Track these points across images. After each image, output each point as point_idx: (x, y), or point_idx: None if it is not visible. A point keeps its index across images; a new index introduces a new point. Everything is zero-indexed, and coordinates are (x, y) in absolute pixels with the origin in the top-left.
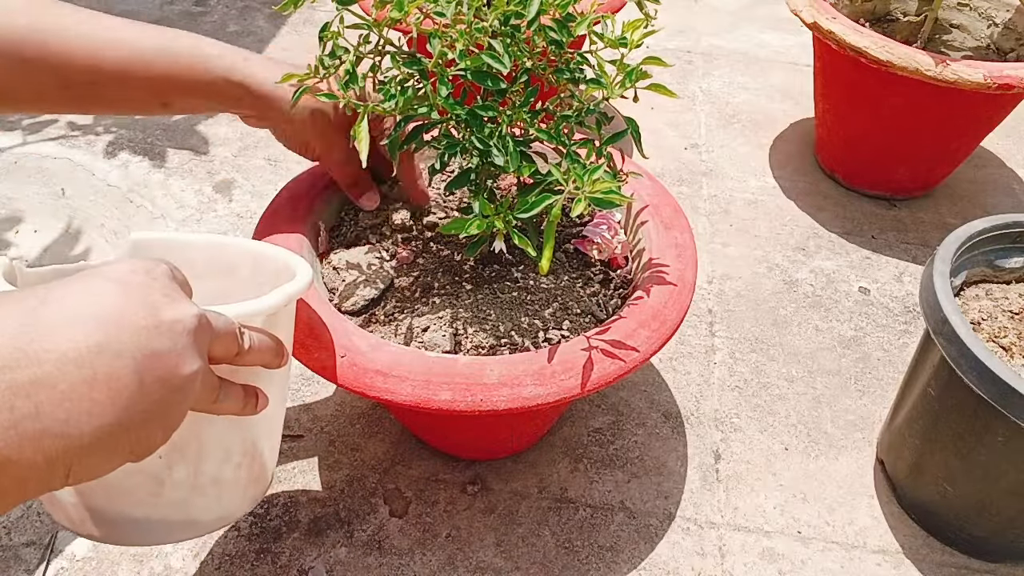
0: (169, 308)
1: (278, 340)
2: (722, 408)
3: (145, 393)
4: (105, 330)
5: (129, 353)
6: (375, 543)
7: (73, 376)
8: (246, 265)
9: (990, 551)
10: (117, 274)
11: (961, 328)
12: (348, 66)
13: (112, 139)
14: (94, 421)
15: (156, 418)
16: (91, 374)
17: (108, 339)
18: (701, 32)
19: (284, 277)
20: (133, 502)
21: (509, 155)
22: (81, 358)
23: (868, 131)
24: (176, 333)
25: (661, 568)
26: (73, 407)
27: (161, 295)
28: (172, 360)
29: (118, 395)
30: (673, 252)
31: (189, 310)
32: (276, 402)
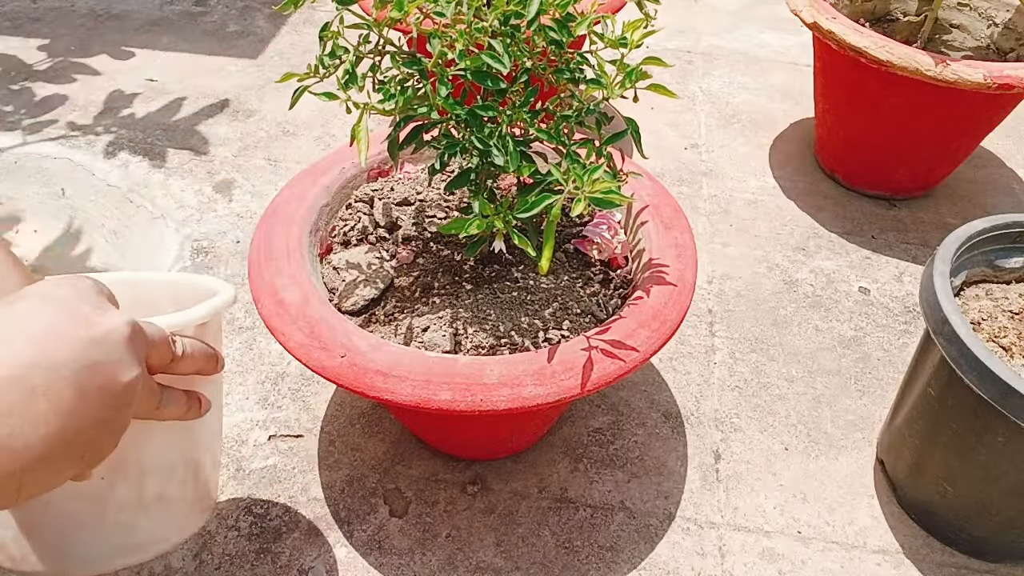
0: (100, 319)
1: (212, 347)
2: (722, 408)
3: (87, 402)
4: (38, 346)
5: (66, 366)
6: (375, 543)
7: (11, 393)
8: (165, 296)
9: (990, 551)
10: (42, 291)
11: (961, 328)
12: (348, 66)
13: (112, 139)
14: (40, 432)
15: (101, 425)
16: (30, 388)
17: (42, 354)
18: (701, 32)
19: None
20: (77, 527)
21: (509, 155)
22: (17, 376)
23: (868, 131)
24: (111, 342)
25: (661, 568)
26: (16, 421)
27: (90, 307)
28: (111, 369)
29: (60, 406)
30: (673, 252)
31: (121, 319)
32: (215, 412)
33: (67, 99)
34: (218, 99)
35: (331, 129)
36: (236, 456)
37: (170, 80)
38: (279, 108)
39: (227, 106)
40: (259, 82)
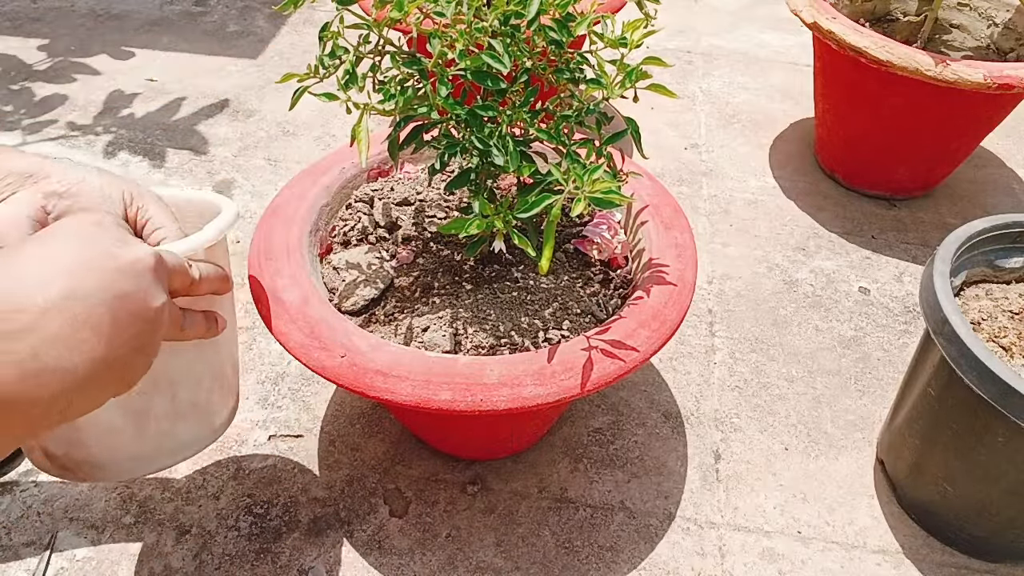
0: (126, 251)
1: (221, 268)
2: (722, 408)
3: (122, 327)
4: (73, 278)
5: (100, 296)
6: (375, 543)
7: (56, 321)
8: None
9: (990, 551)
10: (68, 228)
11: (961, 328)
12: (348, 66)
13: (112, 139)
14: (85, 355)
15: (136, 349)
16: (71, 316)
17: (75, 286)
18: (701, 32)
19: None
20: (121, 437)
21: (509, 155)
22: (59, 305)
23: (868, 131)
24: (138, 272)
25: (661, 568)
26: (64, 346)
27: (114, 240)
28: (140, 296)
29: (100, 332)
30: (673, 252)
31: (144, 250)
32: (230, 326)
33: (67, 99)
34: (218, 99)
35: (331, 129)
36: (236, 456)
37: (170, 80)
38: (279, 108)
39: (227, 106)
40: (259, 82)
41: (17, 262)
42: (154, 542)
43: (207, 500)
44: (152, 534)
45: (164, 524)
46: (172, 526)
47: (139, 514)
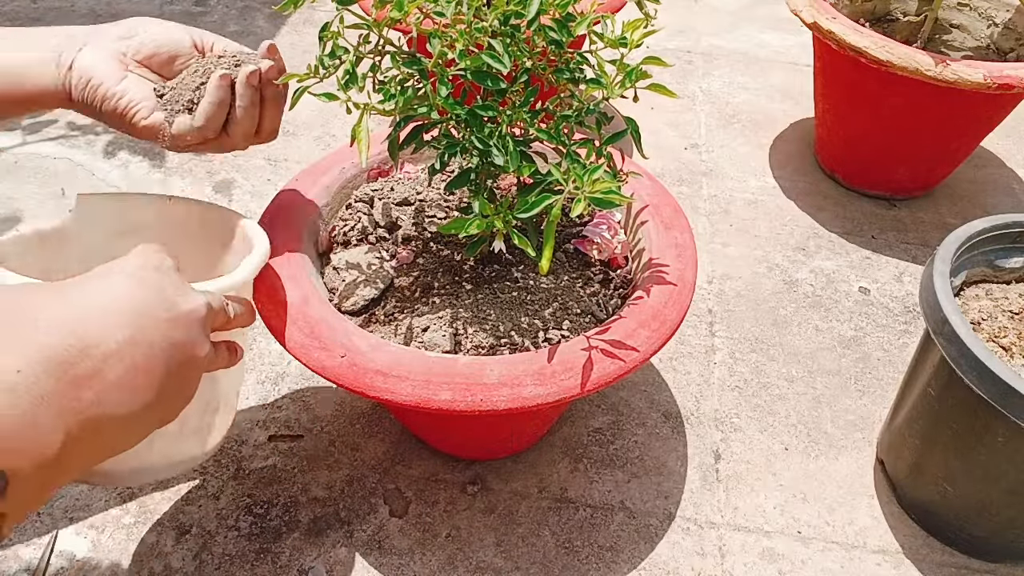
0: (183, 301)
1: (249, 302)
2: (722, 408)
3: (172, 375)
4: (134, 325)
5: (158, 345)
6: (375, 543)
7: (118, 368)
8: (193, 221)
9: (990, 551)
10: (132, 270)
11: (961, 328)
12: (348, 66)
13: (112, 139)
14: (138, 401)
15: (180, 393)
16: (131, 364)
17: (138, 333)
18: (701, 32)
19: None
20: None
21: (509, 155)
22: (121, 351)
23: (868, 131)
24: (192, 323)
25: (661, 568)
26: (122, 392)
27: (173, 289)
28: (190, 347)
29: (154, 380)
30: (673, 252)
31: (199, 300)
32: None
33: None
34: None
35: (331, 129)
36: (236, 456)
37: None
38: None
39: None
40: None
41: (84, 301)
42: (154, 542)
43: (207, 500)
44: (152, 534)
45: (164, 524)
46: (172, 526)
47: (139, 514)
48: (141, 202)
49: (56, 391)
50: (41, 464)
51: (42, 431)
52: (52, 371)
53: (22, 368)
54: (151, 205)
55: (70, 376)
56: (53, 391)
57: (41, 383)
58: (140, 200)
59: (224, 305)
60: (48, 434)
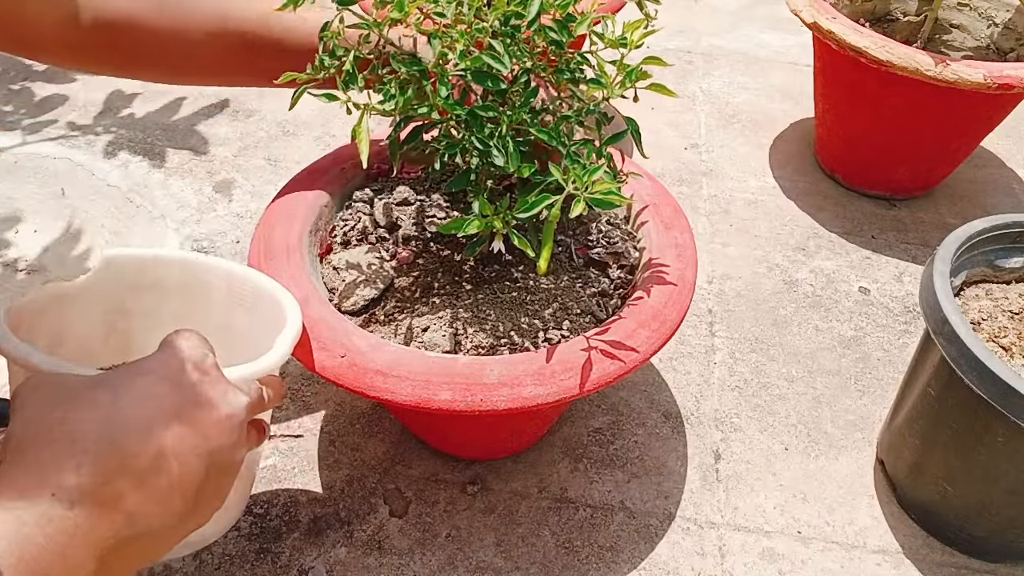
0: (223, 404)
1: (280, 381)
2: (722, 408)
3: (210, 481)
4: (173, 434)
5: (196, 453)
6: (375, 543)
7: (154, 483)
8: (220, 285)
9: (990, 551)
10: (171, 372)
11: (961, 328)
12: (348, 66)
13: (112, 139)
14: (174, 514)
15: (216, 497)
16: (168, 478)
17: (177, 443)
18: (701, 32)
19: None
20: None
21: (509, 155)
22: (159, 463)
23: (868, 131)
24: (232, 427)
25: (661, 568)
26: (159, 507)
27: (215, 391)
28: (229, 451)
29: (190, 490)
30: (673, 252)
31: (239, 403)
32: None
33: (67, 99)
34: (218, 99)
35: (331, 129)
36: None
37: None
38: (279, 108)
39: (227, 106)
40: None
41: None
42: None
43: None
44: None
45: None
46: None
47: None
48: (165, 260)
49: (90, 516)
50: None
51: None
52: (89, 495)
53: (57, 492)
54: (176, 264)
55: (105, 497)
56: (86, 518)
57: (76, 510)
58: (164, 258)
59: (261, 393)
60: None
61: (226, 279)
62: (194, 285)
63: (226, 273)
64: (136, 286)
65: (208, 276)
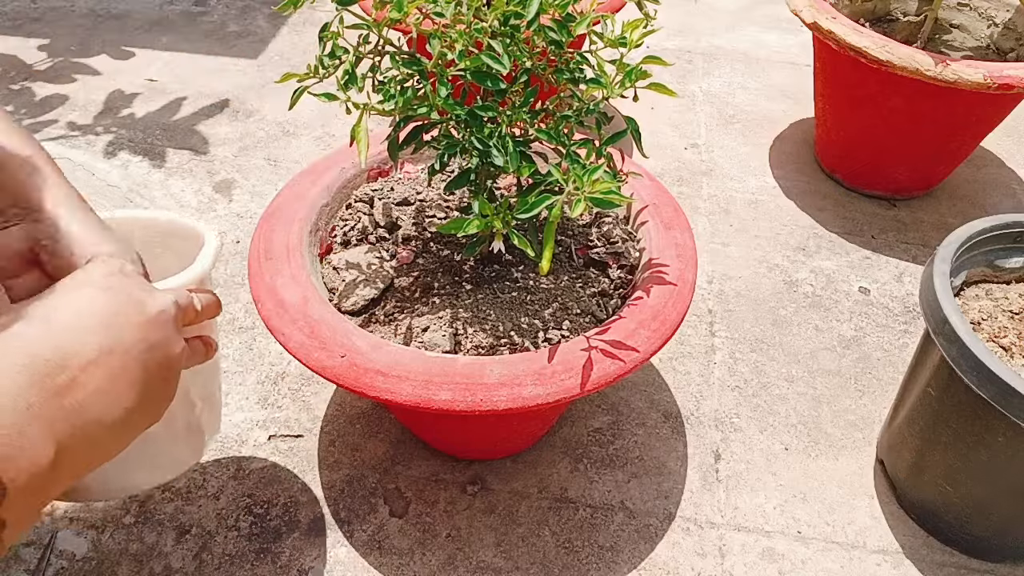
0: (152, 302)
1: (213, 293)
2: (722, 408)
3: (151, 376)
4: (108, 333)
5: (134, 349)
6: (375, 543)
7: (98, 376)
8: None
9: (990, 551)
10: (96, 279)
11: (961, 328)
12: (348, 66)
13: (112, 139)
14: (122, 405)
15: (162, 392)
16: (109, 372)
17: (113, 340)
18: (701, 32)
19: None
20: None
21: (509, 155)
22: (98, 360)
23: (868, 131)
24: (163, 323)
25: (661, 568)
26: (106, 399)
27: (141, 292)
28: (165, 345)
29: (134, 383)
30: (673, 252)
31: (167, 299)
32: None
33: (67, 99)
34: (218, 99)
35: (331, 129)
36: (236, 456)
37: (170, 80)
38: (279, 108)
39: (227, 106)
40: (259, 82)
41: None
42: (154, 542)
43: (207, 500)
44: (152, 534)
45: (164, 524)
46: (172, 526)
47: (139, 514)
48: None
49: (41, 401)
50: (35, 474)
51: (33, 440)
52: (35, 383)
53: (4, 382)
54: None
55: (52, 387)
56: (38, 402)
57: (25, 394)
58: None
59: (191, 300)
60: (39, 443)
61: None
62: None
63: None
64: None
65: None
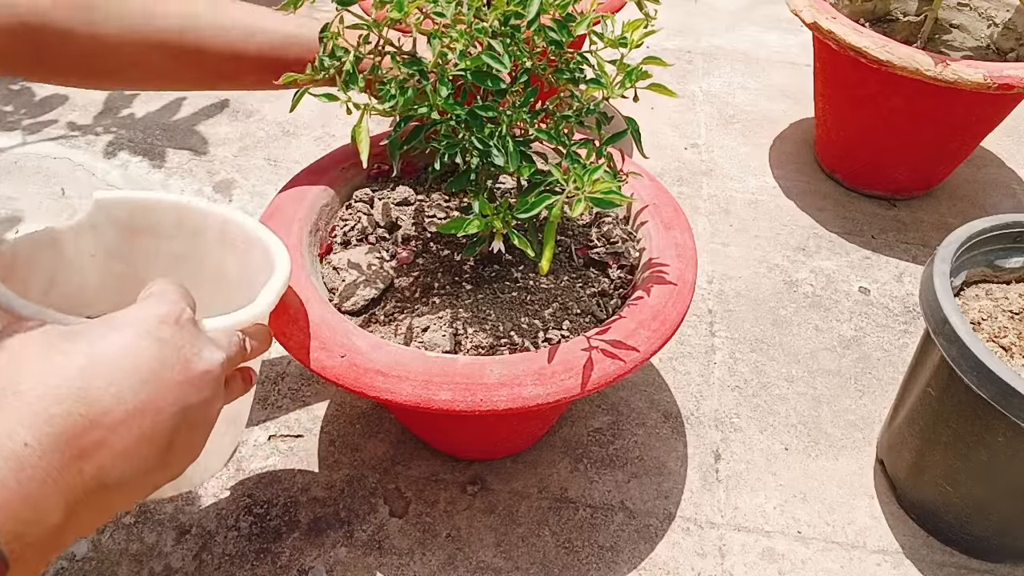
0: (198, 360)
1: (266, 328)
2: (722, 408)
3: (182, 436)
4: (147, 390)
5: (169, 410)
6: (375, 543)
7: (126, 437)
8: (213, 229)
9: (990, 551)
10: (147, 327)
11: (961, 328)
12: (348, 67)
13: (112, 139)
14: (144, 468)
15: (188, 452)
16: (139, 433)
17: (150, 399)
18: (701, 32)
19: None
20: None
21: (509, 155)
22: (130, 420)
23: (868, 131)
24: (206, 383)
25: (661, 568)
26: (128, 462)
27: (191, 347)
28: (203, 407)
29: (160, 444)
30: (673, 252)
31: (216, 359)
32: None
33: (67, 99)
34: (218, 99)
35: (331, 129)
36: (236, 456)
37: None
38: (279, 108)
39: (227, 106)
40: None
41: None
42: (154, 542)
43: (207, 500)
44: (152, 534)
45: (164, 524)
46: (172, 526)
47: (139, 514)
48: (160, 203)
49: (62, 466)
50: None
51: (43, 510)
52: (60, 446)
53: (30, 442)
54: (170, 208)
55: (76, 449)
56: (59, 467)
57: (47, 459)
58: (159, 201)
59: (241, 345)
60: (50, 512)
61: (219, 224)
62: (188, 229)
63: (220, 218)
64: (130, 230)
65: (203, 220)
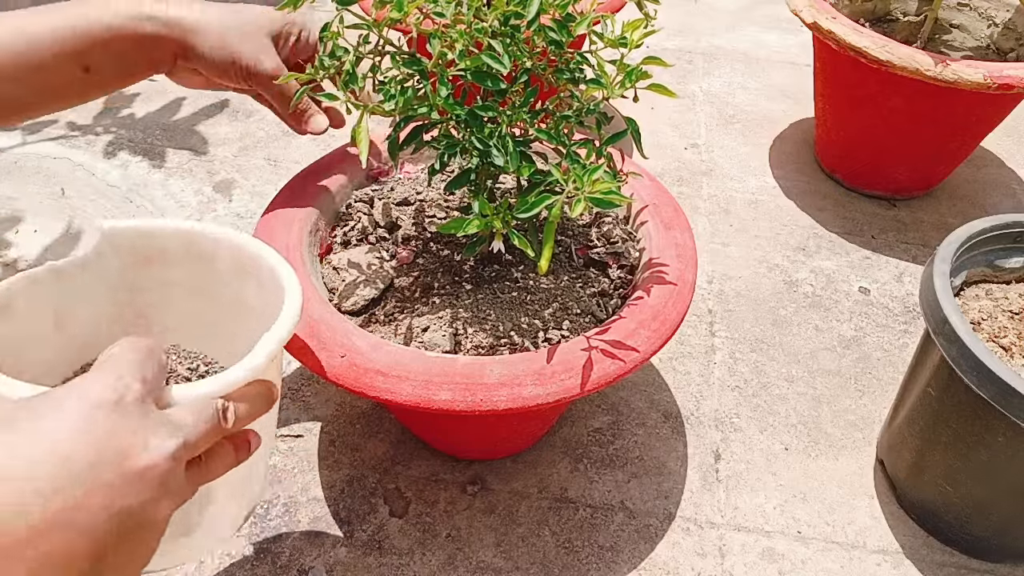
0: (138, 455)
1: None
2: (722, 408)
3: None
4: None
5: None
6: (375, 543)
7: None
8: (224, 256)
9: (990, 551)
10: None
11: (961, 328)
12: (348, 66)
13: (112, 139)
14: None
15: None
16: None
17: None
18: (701, 32)
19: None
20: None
21: (509, 155)
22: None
23: (868, 131)
24: (147, 482)
25: (661, 568)
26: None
27: (131, 436)
28: (143, 512)
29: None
30: (673, 252)
31: (164, 448)
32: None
33: None
34: (218, 99)
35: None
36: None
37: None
38: None
39: (227, 106)
40: None
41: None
42: None
43: None
44: None
45: None
46: None
47: None
48: (164, 229)
49: None
50: None
51: None
52: None
53: None
54: (176, 234)
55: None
56: None
57: None
58: (163, 227)
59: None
60: None
61: (231, 250)
62: (199, 256)
63: (231, 244)
64: (138, 259)
65: (213, 246)
